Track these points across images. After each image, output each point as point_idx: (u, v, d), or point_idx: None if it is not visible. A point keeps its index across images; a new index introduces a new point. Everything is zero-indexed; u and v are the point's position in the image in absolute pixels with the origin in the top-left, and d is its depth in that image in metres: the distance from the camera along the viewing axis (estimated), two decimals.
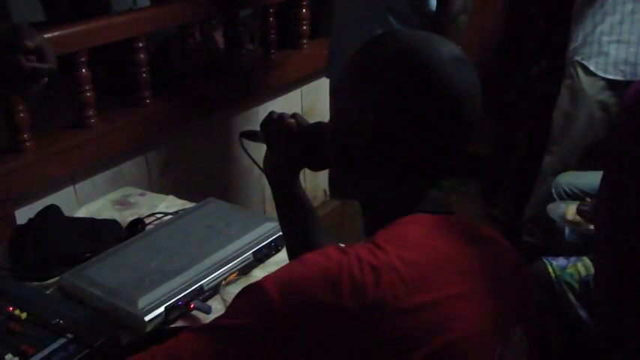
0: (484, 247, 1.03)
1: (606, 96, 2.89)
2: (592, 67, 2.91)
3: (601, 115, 2.91)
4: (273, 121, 1.31)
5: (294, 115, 1.30)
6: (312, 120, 1.28)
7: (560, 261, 2.19)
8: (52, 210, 1.89)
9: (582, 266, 2.16)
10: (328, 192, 3.68)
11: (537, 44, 3.68)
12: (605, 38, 2.89)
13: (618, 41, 2.87)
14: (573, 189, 2.70)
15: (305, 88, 3.40)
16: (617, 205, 1.79)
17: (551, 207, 2.54)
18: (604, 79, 2.89)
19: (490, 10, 3.77)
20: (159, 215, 1.96)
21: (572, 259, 2.20)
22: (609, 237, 1.86)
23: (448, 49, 0.99)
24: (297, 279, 0.89)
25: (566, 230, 2.57)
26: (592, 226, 2.25)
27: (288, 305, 0.87)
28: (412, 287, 0.88)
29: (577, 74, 2.96)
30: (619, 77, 2.86)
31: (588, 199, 2.43)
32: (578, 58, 2.96)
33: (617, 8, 2.88)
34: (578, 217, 2.39)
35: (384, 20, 2.41)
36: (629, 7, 2.86)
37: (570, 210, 2.42)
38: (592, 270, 2.11)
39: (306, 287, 0.87)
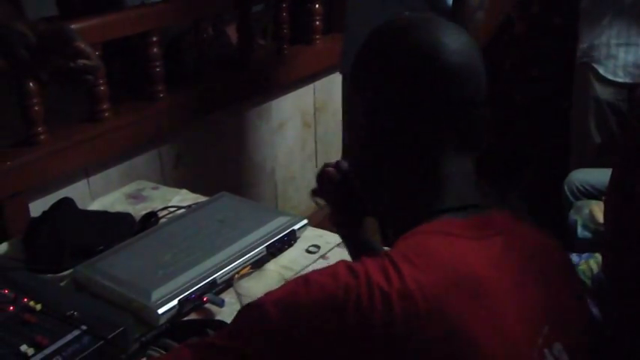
0: (525, 257, 0.95)
1: (617, 99, 2.89)
2: (602, 71, 2.92)
3: (613, 117, 2.92)
4: (319, 175, 1.28)
5: (336, 164, 1.27)
6: (324, 115, 1.28)
7: (573, 257, 2.19)
8: (66, 203, 1.90)
9: (595, 263, 2.15)
10: None
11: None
12: (613, 41, 2.90)
13: (627, 44, 2.88)
14: (586, 186, 2.69)
15: (318, 83, 3.40)
16: (623, 202, 1.78)
17: (575, 209, 2.53)
18: (614, 82, 2.89)
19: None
20: (172, 209, 1.97)
21: (585, 255, 2.19)
22: (615, 234, 1.85)
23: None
24: (300, 301, 0.83)
25: (579, 227, 2.56)
26: None
27: (288, 328, 0.82)
28: (427, 319, 0.80)
29: (588, 77, 2.96)
30: (628, 80, 2.87)
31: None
32: (587, 60, 2.97)
33: (624, 12, 2.88)
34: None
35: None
36: (636, 9, 2.86)
37: (596, 209, 2.41)
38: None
39: (308, 311, 0.82)
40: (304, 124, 3.36)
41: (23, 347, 1.22)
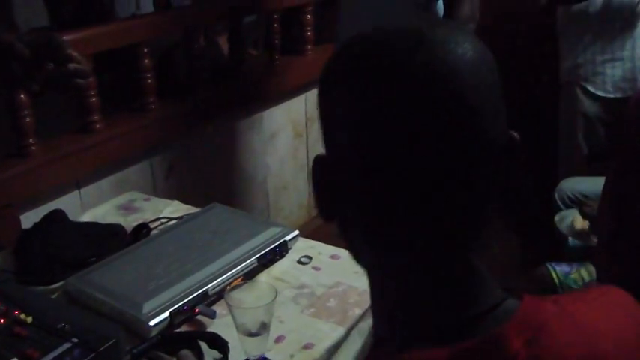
0: None
1: (607, 114, 2.92)
2: (591, 89, 2.95)
3: (602, 129, 2.95)
4: None
5: None
6: (316, 126, 1.27)
7: (564, 267, 2.20)
8: (57, 214, 1.90)
9: (585, 272, 2.16)
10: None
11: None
12: (598, 58, 2.92)
13: (612, 59, 2.90)
14: (577, 195, 2.71)
15: (309, 93, 3.40)
16: (618, 208, 1.79)
17: (557, 218, 2.54)
18: (604, 98, 2.92)
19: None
20: (164, 220, 1.97)
21: (575, 265, 2.20)
22: (609, 243, 1.86)
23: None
24: None
25: (569, 238, 2.57)
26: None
27: None
28: None
29: (576, 95, 2.99)
30: (619, 95, 2.90)
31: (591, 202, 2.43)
32: (573, 78, 2.99)
33: (605, 27, 2.90)
34: (586, 227, 2.39)
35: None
36: (617, 24, 2.88)
37: (578, 219, 2.42)
38: (595, 276, 2.11)
39: None
40: (296, 135, 3.37)
41: None
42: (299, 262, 1.76)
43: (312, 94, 3.41)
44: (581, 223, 2.41)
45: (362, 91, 0.68)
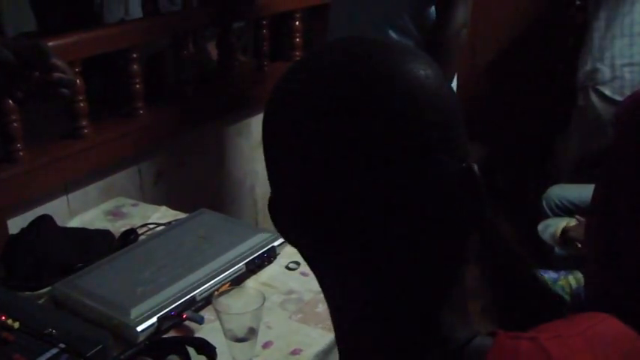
0: None
1: None
2: (608, 92, 2.94)
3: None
4: None
5: None
6: None
7: (551, 274, 2.21)
8: (45, 220, 1.90)
9: (573, 279, 2.17)
10: None
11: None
12: (617, 62, 2.92)
13: (631, 64, 2.91)
14: (564, 202, 2.72)
15: None
16: (607, 220, 1.80)
17: (541, 227, 2.55)
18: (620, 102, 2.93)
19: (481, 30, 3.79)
20: (151, 226, 1.96)
21: (563, 272, 2.21)
22: (599, 252, 1.87)
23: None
24: None
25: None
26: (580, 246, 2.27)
27: None
28: None
29: (590, 99, 2.98)
30: None
31: (576, 218, 2.44)
32: (591, 83, 2.98)
33: (625, 31, 2.91)
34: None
35: (383, 34, 2.36)
36: (636, 29, 2.89)
37: (560, 229, 2.43)
38: (582, 282, 2.12)
39: None
40: None
41: None
42: (287, 267, 1.77)
43: None
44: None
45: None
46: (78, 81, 2.35)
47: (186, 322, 1.52)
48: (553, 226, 2.49)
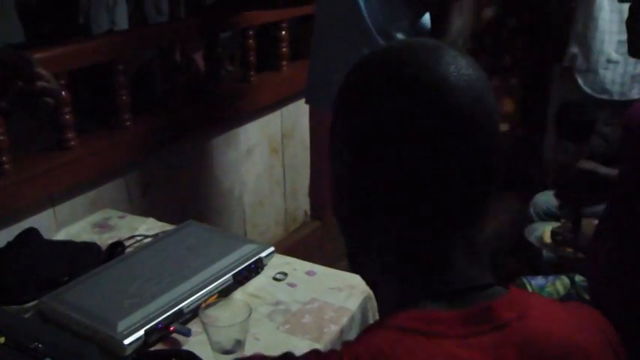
0: None
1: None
2: (582, 85, 2.99)
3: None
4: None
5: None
6: (292, 142, 1.27)
7: (539, 280, 2.21)
8: (31, 233, 1.89)
9: (561, 285, 2.17)
10: (309, 212, 3.69)
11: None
12: (593, 58, 2.97)
13: (608, 61, 2.94)
14: (551, 208, 2.73)
15: (285, 109, 3.41)
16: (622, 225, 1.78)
17: (528, 230, 2.56)
18: (592, 98, 2.96)
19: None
20: (139, 238, 1.96)
21: (551, 278, 2.21)
22: (612, 257, 1.83)
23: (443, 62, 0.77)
24: None
25: (544, 251, 2.59)
26: (569, 249, 2.28)
27: None
28: None
29: (567, 90, 3.03)
30: (605, 97, 2.93)
31: (562, 221, 2.45)
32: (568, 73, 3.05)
33: (605, 28, 2.95)
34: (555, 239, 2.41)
35: (371, 41, 2.33)
36: (615, 27, 2.93)
37: (547, 232, 2.44)
38: (570, 288, 2.12)
39: None
40: (272, 151, 3.37)
41: None
42: (274, 278, 1.77)
43: (288, 110, 3.43)
44: (549, 236, 2.43)
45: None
46: (64, 92, 2.35)
47: (174, 335, 1.52)
48: (540, 230, 2.51)
